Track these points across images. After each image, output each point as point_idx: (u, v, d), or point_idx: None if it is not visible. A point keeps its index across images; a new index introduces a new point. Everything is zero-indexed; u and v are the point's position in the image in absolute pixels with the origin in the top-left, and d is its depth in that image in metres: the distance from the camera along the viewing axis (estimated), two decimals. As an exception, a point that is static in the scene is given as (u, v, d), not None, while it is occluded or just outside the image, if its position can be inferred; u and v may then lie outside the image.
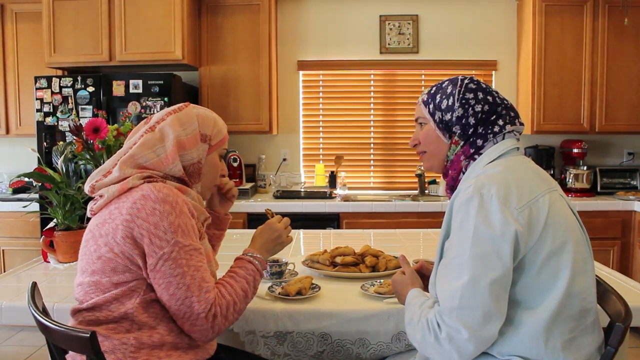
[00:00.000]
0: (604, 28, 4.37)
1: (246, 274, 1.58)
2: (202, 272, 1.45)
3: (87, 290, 1.47)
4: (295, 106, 4.92)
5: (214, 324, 1.44)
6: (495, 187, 1.30)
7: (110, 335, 1.42)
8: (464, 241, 1.28)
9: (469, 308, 1.25)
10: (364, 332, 1.73)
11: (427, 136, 1.54)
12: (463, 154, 1.47)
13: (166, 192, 1.44)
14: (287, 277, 2.06)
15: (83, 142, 2.25)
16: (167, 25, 4.17)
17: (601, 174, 4.54)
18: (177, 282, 1.40)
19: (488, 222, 1.27)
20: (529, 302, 1.30)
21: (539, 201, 1.32)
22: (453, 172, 1.50)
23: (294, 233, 3.07)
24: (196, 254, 1.45)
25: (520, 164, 1.43)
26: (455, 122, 1.47)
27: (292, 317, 1.72)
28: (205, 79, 4.50)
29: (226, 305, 1.47)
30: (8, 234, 4.31)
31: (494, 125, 1.44)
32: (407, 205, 4.23)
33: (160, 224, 1.40)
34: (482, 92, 1.47)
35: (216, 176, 1.69)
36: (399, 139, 4.94)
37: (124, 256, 1.42)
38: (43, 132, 4.13)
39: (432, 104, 1.51)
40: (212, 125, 1.63)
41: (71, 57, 4.27)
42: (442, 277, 1.34)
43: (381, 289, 1.84)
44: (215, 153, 1.65)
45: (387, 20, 4.79)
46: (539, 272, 1.30)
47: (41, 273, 2.22)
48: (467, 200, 1.31)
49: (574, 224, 1.38)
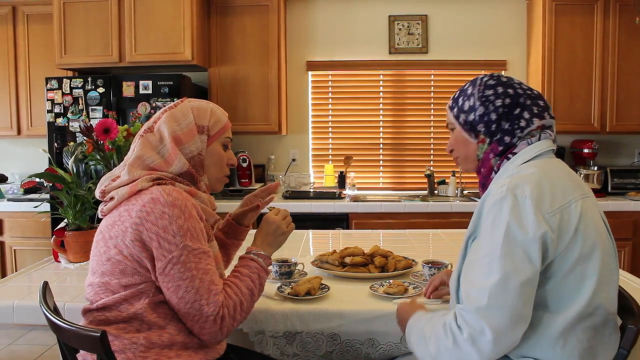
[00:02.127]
0: (614, 27, 4.34)
1: (250, 273, 1.57)
2: (211, 275, 1.45)
3: (97, 291, 1.47)
4: (304, 106, 4.92)
5: (222, 326, 1.44)
6: (530, 188, 1.29)
7: (120, 335, 1.43)
8: (495, 240, 1.26)
9: (498, 308, 1.22)
10: (373, 332, 1.73)
11: (456, 140, 1.55)
12: (492, 151, 1.46)
13: (175, 196, 1.44)
14: (296, 277, 2.06)
15: (93, 143, 2.26)
16: (176, 26, 4.19)
17: (612, 174, 4.50)
18: (186, 286, 1.41)
19: (520, 223, 1.25)
20: (551, 306, 1.29)
21: (571, 206, 1.30)
22: (484, 171, 1.49)
23: (303, 233, 3.09)
24: (205, 257, 1.45)
25: (555, 167, 1.41)
26: (478, 120, 1.47)
27: (301, 317, 1.72)
28: (214, 79, 4.52)
29: (233, 306, 1.47)
30: (20, 233, 4.35)
31: (519, 120, 1.43)
32: (417, 205, 4.22)
33: (169, 228, 1.40)
34: (501, 86, 1.46)
35: (222, 166, 1.67)
36: (408, 140, 4.93)
37: (132, 259, 1.42)
38: (54, 133, 4.16)
39: (457, 108, 1.52)
40: (209, 116, 1.61)
41: (81, 58, 4.30)
42: (468, 275, 1.33)
43: (390, 290, 1.84)
44: (216, 143, 1.63)
45: (396, 21, 4.79)
46: (565, 277, 1.28)
47: (52, 273, 2.23)
48: (500, 199, 1.29)
49: (603, 232, 1.36)
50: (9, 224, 4.37)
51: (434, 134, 4.92)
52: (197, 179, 1.58)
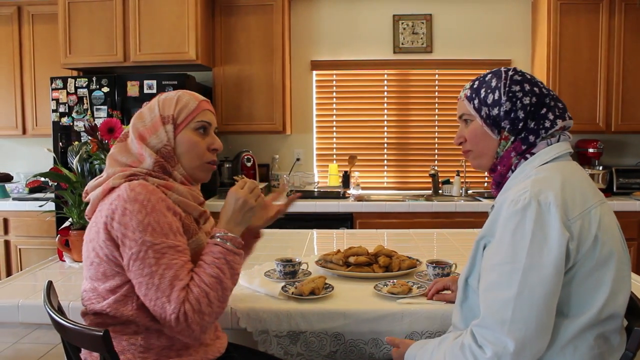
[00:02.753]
0: (620, 26, 4.32)
1: (214, 258, 1.44)
2: (176, 270, 1.36)
3: (90, 297, 1.47)
4: (308, 106, 4.92)
5: (189, 323, 1.35)
6: (553, 194, 1.25)
7: (118, 337, 1.42)
8: (518, 250, 1.23)
9: (523, 321, 1.19)
10: (377, 332, 1.72)
11: (474, 134, 1.47)
12: (514, 150, 1.41)
13: (138, 191, 1.39)
14: (300, 277, 2.06)
15: (98, 142, 2.27)
16: (181, 25, 4.19)
17: (617, 174, 4.49)
18: (146, 283, 1.35)
19: (545, 233, 1.22)
20: (563, 312, 1.27)
21: (591, 212, 1.27)
22: (502, 169, 1.44)
23: (307, 233, 3.09)
24: (171, 252, 1.38)
25: (574, 171, 1.38)
26: (503, 116, 1.41)
27: (305, 317, 1.72)
28: (218, 79, 4.52)
29: (196, 299, 1.36)
30: (25, 233, 4.36)
31: (544, 120, 1.39)
32: (421, 205, 4.21)
33: (129, 224, 1.36)
34: (528, 83, 1.41)
35: (199, 153, 1.56)
36: (412, 139, 4.92)
37: (108, 259, 1.40)
38: (59, 132, 4.17)
39: (477, 99, 1.45)
40: (175, 104, 1.54)
41: (86, 58, 4.31)
42: (487, 283, 1.28)
43: (394, 289, 1.83)
44: (186, 130, 1.54)
45: (400, 20, 4.78)
46: (580, 284, 1.26)
47: (57, 272, 2.24)
48: (523, 207, 1.25)
49: (619, 239, 1.34)
50: (14, 223, 4.38)
51: (439, 133, 4.91)
52: (169, 170, 1.52)
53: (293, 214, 4.16)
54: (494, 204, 1.42)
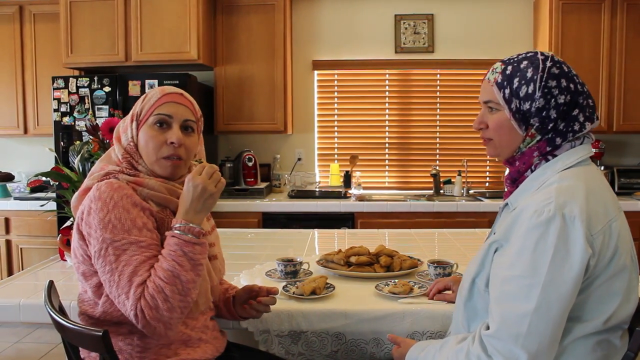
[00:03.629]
0: (622, 26, 4.31)
1: (170, 251, 1.36)
2: (135, 265, 1.33)
3: (83, 298, 1.48)
4: (310, 106, 4.92)
5: (147, 319, 1.30)
6: (578, 208, 1.20)
7: (114, 337, 1.42)
8: (538, 264, 1.19)
9: (538, 335, 1.17)
10: (379, 332, 1.72)
11: (499, 125, 1.37)
12: (538, 149, 1.33)
13: (103, 189, 1.40)
14: (301, 276, 2.06)
15: (99, 142, 2.27)
16: (182, 25, 4.19)
17: (619, 174, 4.48)
18: (108, 280, 1.34)
19: (567, 248, 1.18)
20: (573, 316, 1.24)
21: (611, 227, 1.24)
22: (521, 166, 1.36)
23: (308, 232, 3.08)
24: (132, 248, 1.35)
25: (597, 179, 1.33)
26: (534, 113, 1.31)
27: (307, 316, 1.72)
28: (220, 78, 4.51)
29: (151, 295, 1.31)
30: (26, 232, 4.36)
31: (574, 122, 1.31)
32: (422, 205, 4.21)
33: (92, 222, 1.37)
34: (565, 78, 1.31)
35: (155, 147, 1.49)
36: (414, 139, 4.92)
37: (84, 259, 1.42)
38: (60, 132, 4.17)
39: (509, 89, 1.33)
40: (141, 101, 1.54)
41: (88, 57, 4.31)
42: (501, 292, 1.25)
43: (395, 289, 1.83)
44: (146, 125, 1.50)
45: (402, 20, 4.78)
46: (592, 292, 1.24)
47: (58, 271, 2.24)
48: (547, 220, 1.20)
49: (631, 249, 1.31)
50: (16, 223, 4.38)
51: (440, 133, 4.90)
52: (135, 166, 1.51)
53: (294, 214, 4.17)
54: (507, 202, 1.39)
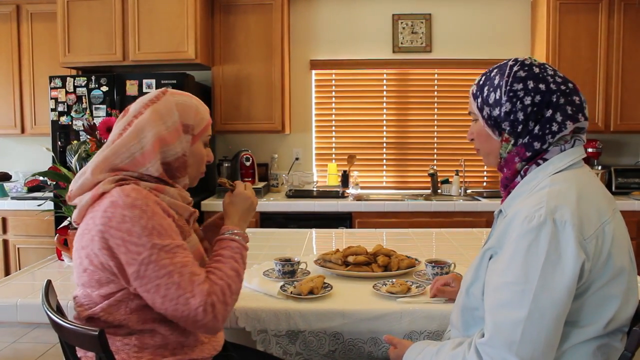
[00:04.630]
0: (619, 26, 4.32)
1: (232, 254, 1.50)
2: (191, 266, 1.38)
3: (82, 303, 1.45)
4: (307, 105, 4.92)
5: (215, 313, 1.37)
6: (570, 212, 1.20)
7: (112, 337, 1.41)
8: (530, 270, 1.18)
9: (531, 342, 1.17)
10: (376, 331, 1.72)
11: (478, 133, 1.43)
12: (518, 155, 1.34)
13: (134, 196, 1.37)
14: (299, 276, 2.06)
15: (97, 141, 2.27)
16: (180, 24, 4.19)
17: (616, 173, 4.49)
18: (165, 283, 1.33)
19: (559, 254, 1.18)
20: (572, 321, 1.24)
21: (605, 229, 1.23)
22: (508, 172, 1.38)
23: (306, 232, 3.09)
24: (180, 251, 1.38)
25: (589, 181, 1.32)
26: (503, 117, 1.34)
27: (304, 316, 1.72)
28: (218, 78, 4.51)
29: (221, 291, 1.40)
30: (23, 232, 4.36)
31: (551, 123, 1.30)
32: (420, 204, 4.22)
33: (132, 230, 1.33)
34: (532, 79, 1.31)
35: (202, 165, 1.60)
36: (411, 139, 4.92)
37: (103, 267, 1.37)
38: (57, 132, 4.16)
39: (481, 98, 1.39)
40: (194, 114, 1.53)
41: (85, 57, 4.30)
42: (495, 300, 1.24)
43: (393, 289, 1.83)
44: (199, 142, 1.56)
45: (400, 19, 4.78)
46: (590, 297, 1.23)
47: (55, 271, 2.24)
48: (538, 225, 1.19)
49: (628, 251, 1.30)
50: (13, 222, 4.38)
51: (438, 133, 4.91)
52: (169, 183, 1.51)
53: (292, 214, 4.17)
54: (501, 209, 1.38)
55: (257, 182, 4.56)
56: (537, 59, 1.38)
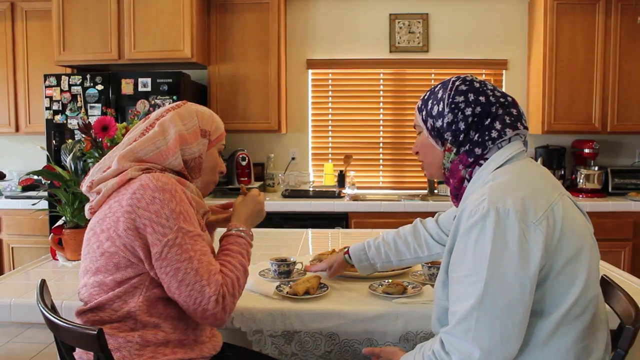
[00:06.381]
0: (616, 27, 4.34)
1: (240, 249, 1.60)
2: (208, 256, 1.46)
3: (91, 292, 1.47)
4: (304, 105, 4.92)
5: (224, 305, 1.44)
6: (511, 200, 1.24)
7: (115, 334, 1.43)
8: (479, 260, 1.23)
9: (487, 329, 1.21)
10: (372, 332, 1.72)
11: (422, 144, 1.51)
12: (461, 162, 1.41)
13: (164, 181, 1.45)
14: (295, 276, 2.06)
15: (92, 140, 2.27)
16: (176, 23, 4.19)
17: (613, 174, 4.50)
18: (185, 267, 1.40)
19: (505, 240, 1.22)
20: (539, 311, 1.27)
21: (553, 210, 1.27)
22: (454, 181, 1.45)
23: (302, 232, 3.09)
24: (200, 240, 1.46)
25: (530, 169, 1.38)
26: (445, 128, 1.41)
27: (300, 316, 1.72)
28: (214, 77, 4.51)
29: (231, 283, 1.48)
30: (17, 231, 4.35)
31: (490, 131, 1.38)
32: (417, 205, 4.23)
33: (161, 212, 1.41)
34: (473, 92, 1.40)
35: (216, 172, 1.71)
36: (408, 139, 4.92)
37: (125, 249, 1.42)
38: (52, 130, 4.15)
39: (425, 111, 1.47)
40: (211, 122, 1.68)
41: (80, 55, 4.30)
42: (453, 293, 1.30)
43: (389, 289, 1.84)
44: (214, 148, 1.69)
45: (397, 19, 4.78)
46: (553, 281, 1.26)
47: (50, 270, 2.24)
48: (482, 216, 1.24)
49: (585, 229, 1.34)
50: (7, 222, 4.37)
51: (434, 133, 4.90)
52: (188, 179, 1.60)
53: (288, 214, 4.17)
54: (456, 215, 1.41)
55: (253, 182, 4.56)
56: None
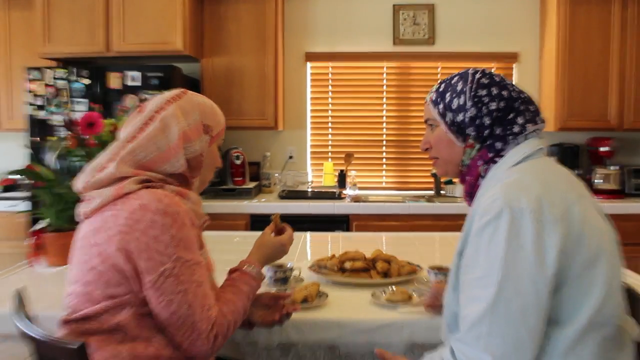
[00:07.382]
0: (633, 18, 4.33)
1: (249, 292, 1.59)
2: (204, 287, 1.44)
3: (79, 301, 1.45)
4: (302, 100, 4.91)
5: (214, 345, 1.43)
6: (526, 199, 1.24)
7: (102, 347, 1.40)
8: (492, 261, 1.22)
9: (500, 336, 1.19)
10: (375, 343, 1.69)
11: (438, 140, 1.49)
12: (480, 158, 1.42)
13: (167, 202, 1.41)
14: (292, 283, 2.05)
15: (77, 138, 2.24)
16: (167, 14, 4.17)
17: (631, 174, 4.48)
18: (179, 300, 1.38)
19: (519, 241, 1.21)
20: (557, 319, 1.25)
21: (571, 210, 1.25)
22: (471, 178, 1.45)
23: (300, 236, 3.08)
24: (198, 269, 1.44)
25: (548, 168, 1.38)
26: (468, 123, 1.41)
27: (297, 327, 1.70)
28: (207, 71, 4.50)
29: (227, 326, 1.47)
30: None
31: (512, 125, 1.39)
32: (422, 206, 4.21)
33: (160, 238, 1.38)
34: (496, 87, 1.41)
35: (214, 169, 1.68)
36: (413, 136, 4.91)
37: (114, 270, 1.39)
38: (35, 127, 4.12)
39: (442, 104, 1.46)
40: (213, 115, 1.62)
41: (66, 47, 4.27)
42: (466, 297, 1.29)
43: (393, 297, 1.83)
44: (215, 144, 1.65)
45: (401, 10, 4.77)
46: (570, 287, 1.24)
47: (28, 277, 2.20)
48: (496, 215, 1.24)
49: (607, 234, 1.32)
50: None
51: (441, 130, 4.89)
52: (189, 180, 1.58)
53: (285, 216, 4.12)
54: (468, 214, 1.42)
55: (248, 182, 4.55)
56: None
